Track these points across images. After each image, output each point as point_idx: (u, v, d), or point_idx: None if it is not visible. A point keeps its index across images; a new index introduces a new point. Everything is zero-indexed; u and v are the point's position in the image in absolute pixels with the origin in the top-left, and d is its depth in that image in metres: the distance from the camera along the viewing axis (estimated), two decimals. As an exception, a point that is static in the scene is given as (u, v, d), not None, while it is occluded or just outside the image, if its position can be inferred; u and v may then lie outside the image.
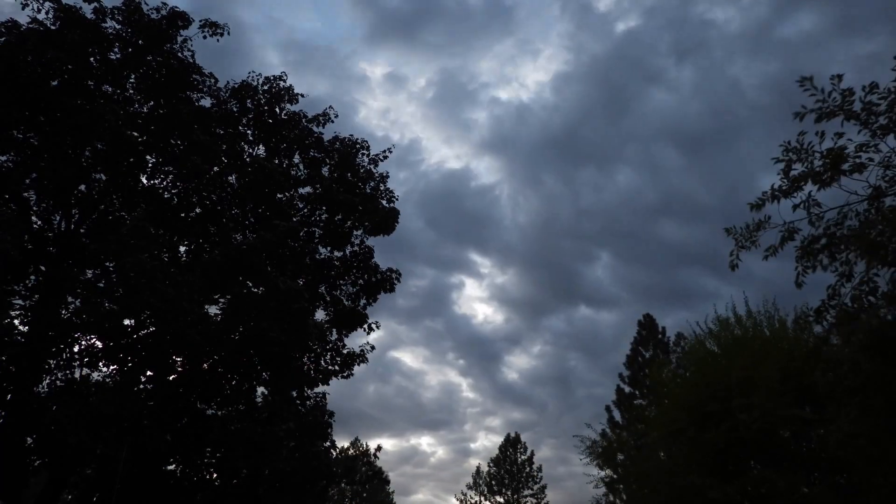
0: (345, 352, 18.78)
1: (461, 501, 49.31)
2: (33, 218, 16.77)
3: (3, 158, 16.08)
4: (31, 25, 15.84)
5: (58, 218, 17.14)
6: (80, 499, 18.19)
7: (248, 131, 18.82)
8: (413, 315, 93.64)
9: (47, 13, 16.31)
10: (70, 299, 16.63)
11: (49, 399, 14.80)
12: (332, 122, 19.48)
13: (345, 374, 18.72)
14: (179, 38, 17.63)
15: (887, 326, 8.29)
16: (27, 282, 16.52)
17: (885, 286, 8.42)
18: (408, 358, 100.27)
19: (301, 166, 19.29)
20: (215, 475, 17.04)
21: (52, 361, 16.19)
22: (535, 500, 48.61)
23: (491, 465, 50.49)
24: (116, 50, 16.96)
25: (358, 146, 19.28)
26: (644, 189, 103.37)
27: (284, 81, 18.79)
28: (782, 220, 8.80)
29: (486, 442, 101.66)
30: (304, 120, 19.09)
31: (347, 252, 19.16)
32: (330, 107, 19.46)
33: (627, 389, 33.52)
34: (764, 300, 17.71)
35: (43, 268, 16.49)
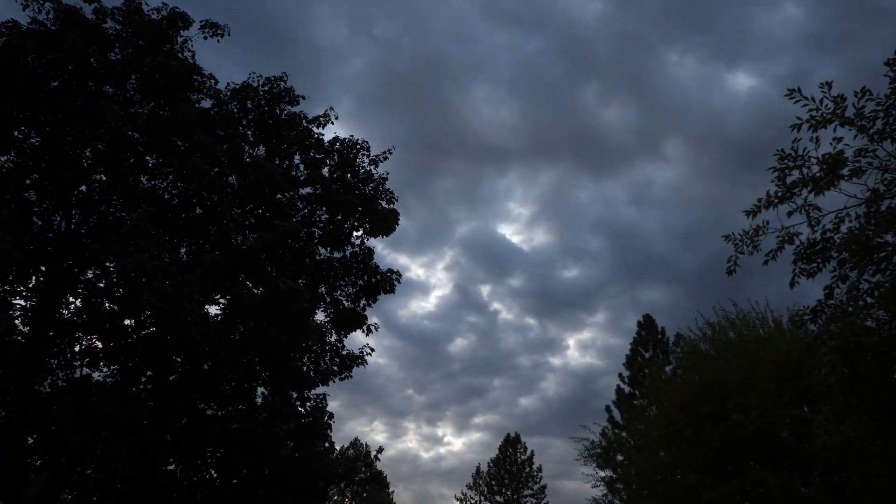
0: (344, 353, 18.81)
1: (461, 501, 49.42)
2: (34, 218, 16.79)
3: (4, 159, 16.11)
4: (31, 26, 15.86)
5: (58, 218, 17.16)
6: (80, 499, 18.25)
7: (249, 132, 18.83)
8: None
9: (48, 14, 16.32)
10: (70, 299, 16.67)
11: (49, 399, 14.81)
12: (333, 123, 19.51)
13: (343, 376, 18.76)
14: (180, 39, 17.67)
15: (861, 331, 8.33)
16: (27, 282, 16.55)
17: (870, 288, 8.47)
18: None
19: (301, 167, 19.31)
20: (215, 475, 17.08)
21: (52, 361, 16.23)
22: (535, 501, 48.69)
23: (491, 464, 50.61)
24: (117, 50, 16.96)
25: (358, 147, 19.29)
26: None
27: (285, 82, 18.81)
28: (780, 225, 8.84)
29: (421, 420, 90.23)
30: (304, 121, 19.11)
31: (347, 253, 19.19)
32: (331, 108, 19.48)
33: (627, 389, 33.62)
34: (754, 302, 17.78)
35: (43, 268, 16.51)
